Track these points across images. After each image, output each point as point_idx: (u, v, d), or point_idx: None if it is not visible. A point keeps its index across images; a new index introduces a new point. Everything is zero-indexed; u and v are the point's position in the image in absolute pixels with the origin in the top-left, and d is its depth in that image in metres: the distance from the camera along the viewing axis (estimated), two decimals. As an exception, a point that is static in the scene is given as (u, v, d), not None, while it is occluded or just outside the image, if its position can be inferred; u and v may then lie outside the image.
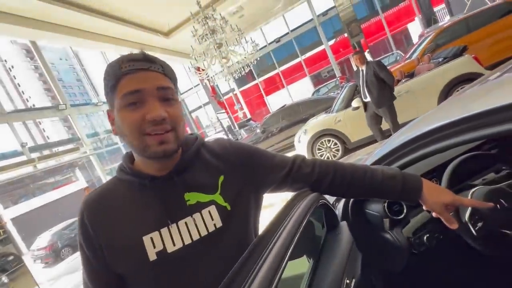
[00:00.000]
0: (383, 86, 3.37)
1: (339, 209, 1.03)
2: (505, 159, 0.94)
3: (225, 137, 10.28)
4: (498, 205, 0.76)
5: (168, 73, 0.55)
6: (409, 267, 0.94)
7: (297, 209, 0.58)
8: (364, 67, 3.47)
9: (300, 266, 0.81)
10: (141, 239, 0.50)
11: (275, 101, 14.43)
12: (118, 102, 0.51)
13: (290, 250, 0.48)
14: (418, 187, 0.69)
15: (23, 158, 7.60)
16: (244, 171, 0.62)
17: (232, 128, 12.39)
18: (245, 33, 8.51)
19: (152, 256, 0.50)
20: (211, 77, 6.93)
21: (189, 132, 0.70)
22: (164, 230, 0.51)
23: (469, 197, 0.81)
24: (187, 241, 0.52)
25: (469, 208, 0.78)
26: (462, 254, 0.92)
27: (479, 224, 0.76)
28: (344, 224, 0.95)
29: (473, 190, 0.82)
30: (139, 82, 0.50)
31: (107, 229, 0.53)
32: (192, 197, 0.55)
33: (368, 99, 3.52)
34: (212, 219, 0.54)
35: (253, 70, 13.77)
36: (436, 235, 0.87)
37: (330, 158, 4.53)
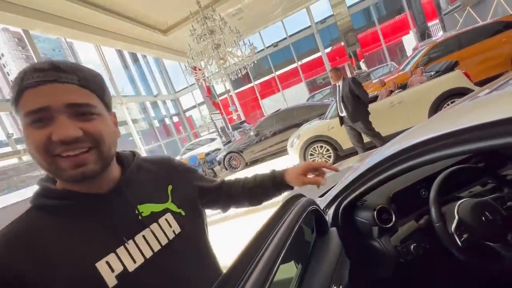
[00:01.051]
0: (358, 102, 3.54)
1: (329, 215, 1.04)
2: (491, 173, 0.97)
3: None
4: (483, 218, 0.78)
5: (87, 84, 0.46)
6: (396, 275, 0.95)
7: (289, 213, 0.58)
8: (340, 83, 3.62)
9: (288, 270, 0.81)
10: (94, 267, 0.43)
11: (270, 104, 14.50)
12: (22, 119, 0.43)
13: (282, 255, 0.48)
14: (282, 173, 0.76)
15: (8, 149, 7.36)
16: (187, 177, 0.67)
17: (226, 129, 12.36)
18: (244, 36, 8.53)
19: (112, 282, 0.44)
20: (207, 77, 6.91)
21: (182, 132, 0.72)
22: (121, 250, 0.46)
23: (455, 209, 0.83)
24: (148, 254, 0.49)
25: (456, 220, 0.80)
26: (447, 264, 0.94)
27: (465, 236, 0.78)
28: (333, 231, 0.95)
29: (459, 202, 0.83)
30: (43, 98, 0.42)
31: (42, 272, 0.41)
32: (145, 209, 0.52)
33: (344, 113, 3.68)
34: (171, 226, 0.53)
35: (250, 73, 13.82)
36: (423, 245, 0.88)
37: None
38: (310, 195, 1.14)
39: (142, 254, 0.48)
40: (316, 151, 4.57)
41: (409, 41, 12.93)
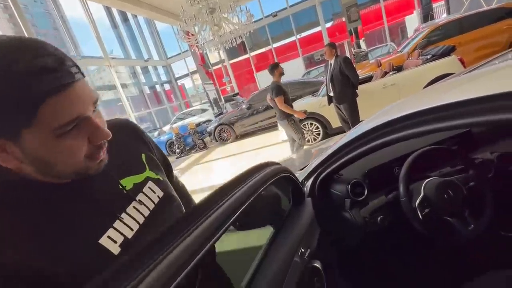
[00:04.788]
0: (347, 83, 3.41)
1: (307, 187, 1.09)
2: (462, 156, 1.02)
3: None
4: (445, 195, 0.84)
5: (83, 71, 0.42)
6: (362, 244, 1.03)
7: (253, 178, 0.58)
8: (332, 61, 3.48)
9: (267, 235, 0.86)
10: (98, 244, 0.45)
11: (265, 79, 14.18)
12: (45, 131, 0.37)
13: (234, 217, 0.47)
14: None
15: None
16: (149, 146, 0.65)
17: (218, 101, 12.15)
18: (241, 2, 8.03)
19: (116, 251, 0.47)
20: (201, 45, 6.61)
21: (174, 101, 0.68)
22: (117, 223, 0.48)
23: (422, 187, 0.88)
24: (141, 220, 0.52)
25: (421, 196, 0.86)
26: (409, 236, 1.02)
27: (426, 210, 0.84)
28: (309, 201, 1.01)
29: (427, 180, 0.89)
30: (76, 104, 0.39)
31: (53, 262, 0.41)
32: (128, 182, 0.53)
33: (332, 93, 3.60)
34: (155, 192, 0.56)
35: (246, 43, 13.28)
36: (388, 218, 0.95)
37: (311, 141, 4.63)
38: (292, 169, 1.18)
39: (136, 222, 0.51)
40: (306, 128, 4.61)
41: (412, 21, 12.55)
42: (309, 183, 1.09)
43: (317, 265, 0.77)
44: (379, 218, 0.94)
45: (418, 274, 1.12)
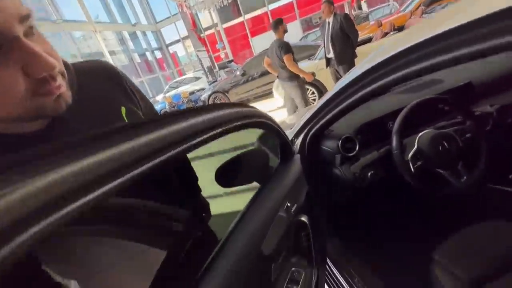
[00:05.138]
0: (347, 42, 3.27)
1: (297, 145, 1.04)
2: (460, 108, 0.96)
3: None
4: (440, 147, 0.80)
5: None
6: (351, 200, 1.01)
7: (214, 114, 0.43)
8: (331, 19, 3.28)
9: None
10: None
11: (261, 43, 13.50)
12: None
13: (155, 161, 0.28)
14: None
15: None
16: (132, 97, 0.53)
17: (212, 68, 11.69)
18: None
19: None
20: (191, 6, 6.13)
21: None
22: None
23: (416, 140, 0.84)
24: None
25: (414, 149, 0.82)
26: (399, 190, 1.01)
27: (418, 163, 0.81)
28: (298, 157, 0.97)
29: (421, 133, 0.84)
30: None
31: None
32: None
33: (331, 55, 3.41)
34: None
35: (240, 4, 12.41)
36: (379, 172, 0.92)
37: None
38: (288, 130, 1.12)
39: None
40: (301, 93, 4.48)
41: (418, -22, 11.67)
42: (299, 140, 1.04)
43: (304, 220, 0.75)
44: (369, 174, 0.91)
45: (407, 228, 1.14)
